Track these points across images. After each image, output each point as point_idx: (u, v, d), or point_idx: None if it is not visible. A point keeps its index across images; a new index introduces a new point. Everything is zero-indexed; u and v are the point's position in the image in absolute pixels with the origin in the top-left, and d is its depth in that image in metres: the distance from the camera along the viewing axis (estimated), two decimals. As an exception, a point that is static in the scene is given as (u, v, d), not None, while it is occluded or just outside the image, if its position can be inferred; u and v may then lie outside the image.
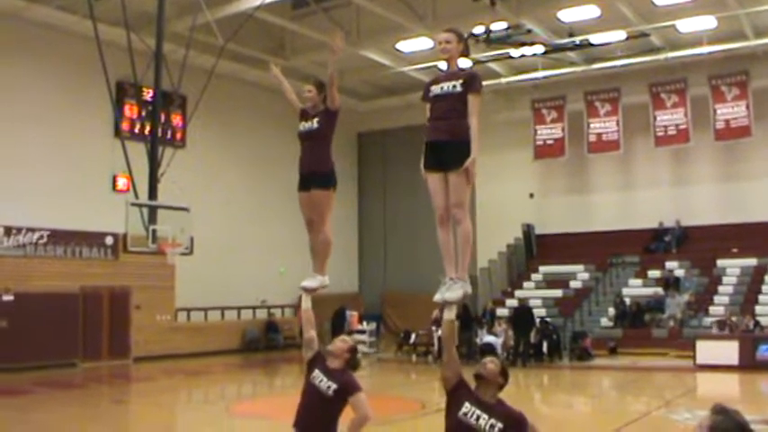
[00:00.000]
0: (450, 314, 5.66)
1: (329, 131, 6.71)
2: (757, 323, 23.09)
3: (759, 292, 25.55)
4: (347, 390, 6.04)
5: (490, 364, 5.45)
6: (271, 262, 29.64)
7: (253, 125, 30.18)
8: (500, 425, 5.16)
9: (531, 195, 32.59)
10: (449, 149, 5.69)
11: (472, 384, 5.41)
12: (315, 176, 6.66)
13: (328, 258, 6.88)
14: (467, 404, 5.27)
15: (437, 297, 5.69)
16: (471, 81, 5.77)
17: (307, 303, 6.81)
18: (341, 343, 6.44)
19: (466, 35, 6.27)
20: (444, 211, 5.78)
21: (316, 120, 6.68)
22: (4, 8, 22.69)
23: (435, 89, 5.87)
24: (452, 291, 5.64)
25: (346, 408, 6.11)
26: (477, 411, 5.22)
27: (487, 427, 5.16)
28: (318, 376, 6.14)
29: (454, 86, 5.75)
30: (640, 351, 24.28)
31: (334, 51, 6.58)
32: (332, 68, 6.59)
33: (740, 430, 3.45)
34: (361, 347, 23.13)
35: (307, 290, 6.81)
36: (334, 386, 6.03)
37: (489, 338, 23.76)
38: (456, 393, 5.42)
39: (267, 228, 30.06)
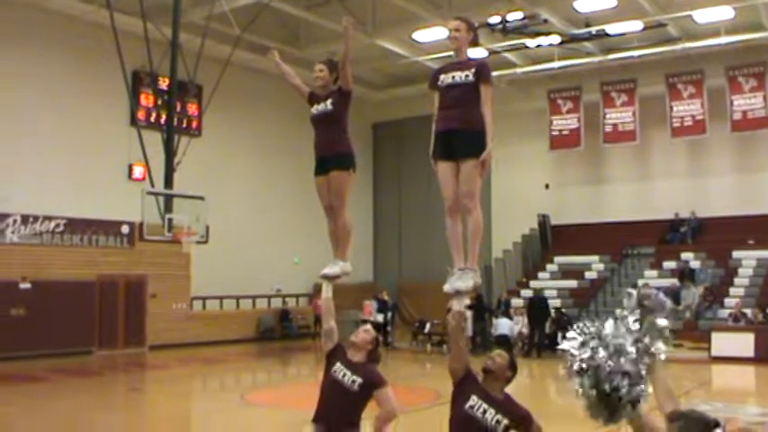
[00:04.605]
0: (459, 305, 5.60)
1: (344, 112, 6.54)
2: (767, 316, 22.94)
3: (775, 283, 25.43)
4: (373, 384, 5.85)
5: (498, 357, 5.41)
6: (286, 251, 29.73)
7: (268, 114, 30.20)
8: (506, 421, 5.14)
9: (547, 186, 32.53)
10: (461, 138, 5.67)
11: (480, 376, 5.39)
12: (334, 157, 6.48)
13: (350, 243, 6.63)
14: (474, 397, 5.24)
15: (446, 287, 5.63)
16: (483, 71, 5.76)
17: (327, 292, 6.51)
18: (364, 333, 6.18)
19: (477, 24, 6.24)
20: (453, 202, 5.73)
21: (329, 101, 6.50)
22: (22, -3, 22.81)
23: (446, 78, 5.83)
24: (463, 280, 5.59)
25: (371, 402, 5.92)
26: (484, 405, 5.19)
27: (493, 422, 5.13)
28: (341, 370, 5.91)
29: (467, 76, 5.73)
30: (655, 342, 24.19)
31: (346, 31, 6.43)
32: (345, 49, 6.44)
33: (703, 425, 3.49)
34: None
35: (328, 277, 6.52)
36: (359, 380, 5.82)
37: (504, 321, 23.68)
38: (463, 385, 5.39)
39: (282, 216, 30.13)
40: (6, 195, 21.71)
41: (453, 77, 5.78)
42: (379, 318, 25.58)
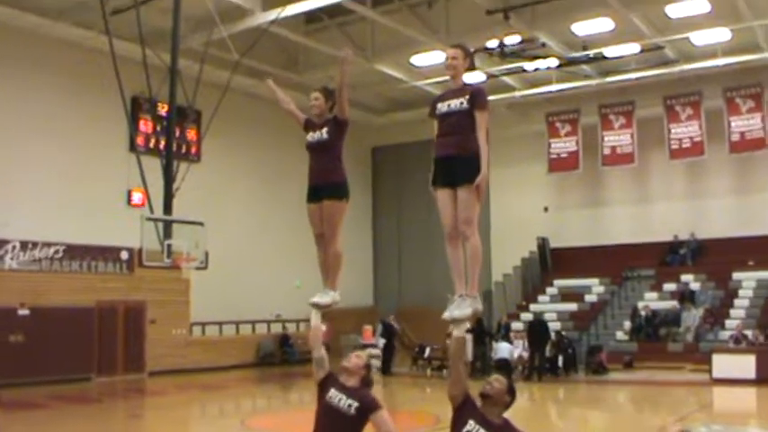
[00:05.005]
0: (459, 331, 5.61)
1: (339, 141, 6.56)
2: (768, 337, 22.88)
3: (775, 305, 25.35)
4: (369, 407, 5.78)
5: (496, 382, 5.42)
6: (286, 276, 29.62)
7: (267, 139, 30.23)
8: None
9: (546, 209, 32.57)
10: (458, 164, 5.72)
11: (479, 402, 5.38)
12: (327, 187, 6.51)
13: (340, 272, 6.67)
14: (471, 422, 5.25)
15: (446, 315, 5.66)
16: (477, 97, 5.82)
17: (316, 320, 6.58)
18: (356, 359, 6.18)
19: (472, 50, 6.30)
20: (453, 229, 5.78)
21: (325, 130, 6.53)
22: (22, 25, 22.85)
23: (442, 106, 5.92)
24: (461, 308, 5.62)
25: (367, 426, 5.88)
26: (481, 431, 5.20)
27: None
28: (336, 395, 5.89)
29: (461, 103, 5.81)
30: (656, 365, 24.16)
31: (344, 61, 6.46)
32: (342, 78, 6.46)
33: None
34: (375, 362, 23.09)
35: (318, 306, 6.59)
36: (355, 404, 5.77)
37: (503, 345, 23.62)
38: (462, 410, 5.39)
39: (282, 242, 30.05)
40: (5, 221, 21.68)
41: (449, 105, 5.87)
42: (381, 342, 25.55)
